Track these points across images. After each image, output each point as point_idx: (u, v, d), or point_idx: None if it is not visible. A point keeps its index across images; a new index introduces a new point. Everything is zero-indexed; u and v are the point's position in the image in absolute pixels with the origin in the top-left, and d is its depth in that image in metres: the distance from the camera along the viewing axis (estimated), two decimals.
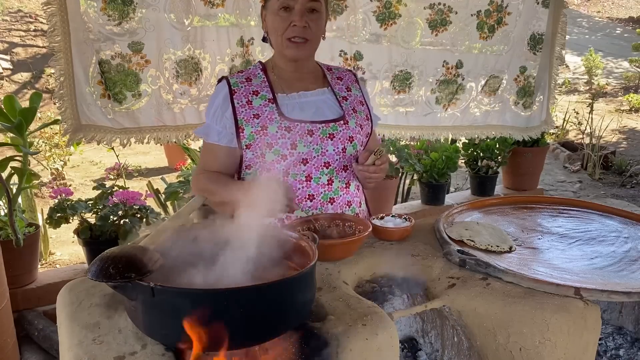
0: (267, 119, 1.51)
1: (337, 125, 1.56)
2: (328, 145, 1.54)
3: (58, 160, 5.07)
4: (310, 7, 1.49)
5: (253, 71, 1.61)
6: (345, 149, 1.56)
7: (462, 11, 2.89)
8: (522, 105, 3.30)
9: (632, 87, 9.13)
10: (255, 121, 1.51)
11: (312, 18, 1.50)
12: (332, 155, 1.54)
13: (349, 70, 1.75)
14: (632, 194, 5.31)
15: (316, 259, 0.98)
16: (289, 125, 1.50)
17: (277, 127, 1.50)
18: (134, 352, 0.91)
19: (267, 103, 1.53)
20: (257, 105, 1.53)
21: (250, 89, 1.55)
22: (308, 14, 1.49)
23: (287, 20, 1.49)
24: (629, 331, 1.53)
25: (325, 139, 1.53)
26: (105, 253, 0.89)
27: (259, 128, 1.50)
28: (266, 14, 1.56)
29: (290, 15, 1.48)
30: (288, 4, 1.48)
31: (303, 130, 1.51)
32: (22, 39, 7.77)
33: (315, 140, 1.52)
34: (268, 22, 1.55)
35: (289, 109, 1.55)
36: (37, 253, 2.53)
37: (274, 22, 1.51)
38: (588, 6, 14.97)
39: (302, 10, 1.48)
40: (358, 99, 1.66)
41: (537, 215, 1.73)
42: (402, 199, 3.87)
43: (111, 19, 2.11)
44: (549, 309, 1.10)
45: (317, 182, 1.54)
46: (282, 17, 1.49)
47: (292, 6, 1.48)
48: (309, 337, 0.96)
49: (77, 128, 2.15)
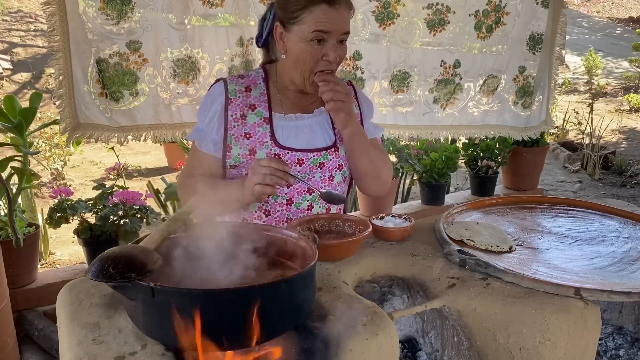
0: (257, 142, 1.44)
1: (328, 153, 1.50)
2: (316, 173, 1.49)
3: (58, 160, 5.07)
4: (343, 38, 1.40)
5: (254, 79, 1.53)
6: (332, 177, 1.52)
7: (460, 11, 2.89)
8: (521, 105, 3.31)
9: (632, 87, 9.13)
10: (245, 142, 1.44)
11: (342, 48, 1.42)
12: (317, 183, 1.50)
13: (349, 83, 1.65)
14: (632, 194, 5.31)
15: (316, 259, 0.98)
16: (278, 153, 1.45)
17: (267, 153, 1.44)
18: (134, 352, 0.91)
19: (261, 122, 1.46)
20: (250, 122, 1.46)
21: (248, 101, 1.47)
22: (338, 45, 1.40)
23: (319, 53, 1.38)
24: (629, 331, 1.53)
25: (314, 168, 1.49)
26: (105, 253, 0.89)
27: (247, 151, 1.44)
28: (286, 35, 1.41)
29: (323, 48, 1.38)
30: (322, 37, 1.36)
31: (293, 159, 1.46)
32: (22, 39, 7.78)
33: (304, 170, 1.48)
34: (290, 46, 1.41)
35: (283, 134, 1.48)
36: (37, 253, 2.53)
37: (302, 52, 1.39)
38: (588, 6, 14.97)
39: (336, 44, 1.38)
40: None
41: (537, 215, 1.73)
42: (402, 199, 3.87)
43: (109, 19, 2.12)
44: (549, 309, 1.10)
45: (297, 207, 1.50)
46: (314, 49, 1.37)
47: (327, 39, 1.37)
48: (309, 337, 0.96)
49: (75, 126, 2.16)
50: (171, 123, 2.39)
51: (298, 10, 1.36)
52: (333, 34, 1.37)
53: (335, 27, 1.36)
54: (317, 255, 1.00)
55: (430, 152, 3.50)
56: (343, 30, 1.39)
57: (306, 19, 1.35)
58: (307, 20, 1.35)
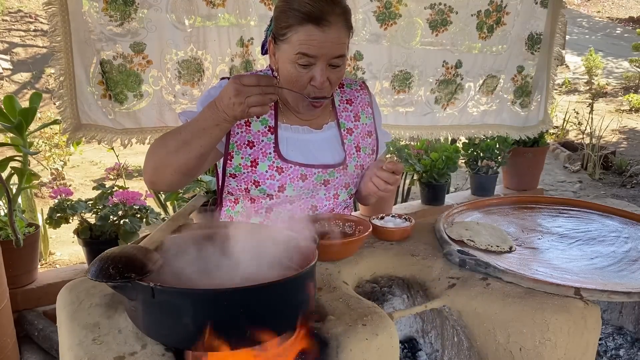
0: (260, 152, 1.36)
1: (335, 171, 1.43)
2: (320, 191, 1.44)
3: (58, 160, 5.07)
4: (334, 63, 1.27)
5: None
6: (338, 195, 1.47)
7: (462, 11, 2.89)
8: (519, 105, 3.31)
9: (632, 87, 9.13)
10: (248, 151, 1.37)
11: (335, 71, 1.29)
12: (321, 200, 1.45)
13: (363, 86, 1.55)
14: (632, 194, 5.31)
15: (316, 259, 0.98)
16: (281, 166, 1.37)
17: (269, 166, 1.36)
18: (134, 352, 0.91)
19: (265, 132, 1.38)
20: (254, 130, 1.38)
21: None
22: (330, 69, 1.27)
23: (305, 77, 1.27)
24: (629, 331, 1.53)
25: (318, 185, 1.42)
26: (105, 253, 0.89)
27: (249, 162, 1.37)
28: (276, 51, 1.32)
29: (309, 71, 1.26)
30: (308, 60, 1.24)
31: (296, 173, 1.38)
32: (22, 39, 7.77)
33: (307, 186, 1.41)
34: (280, 65, 1.31)
35: (287, 146, 1.39)
36: (37, 253, 2.53)
37: (288, 73, 1.28)
38: (588, 6, 14.96)
39: (324, 68, 1.25)
40: (366, 130, 1.51)
41: (537, 215, 1.73)
42: (402, 199, 3.87)
43: (113, 20, 2.12)
44: (549, 309, 1.10)
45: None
46: (299, 72, 1.26)
47: (313, 62, 1.25)
48: (309, 337, 0.96)
49: (76, 127, 2.16)
50: (176, 125, 2.37)
51: (285, 27, 1.25)
52: (320, 58, 1.24)
53: (323, 51, 1.23)
54: (317, 255, 1.00)
55: (430, 152, 3.50)
56: (332, 55, 1.25)
57: (292, 39, 1.24)
58: (292, 41, 1.24)
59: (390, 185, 1.33)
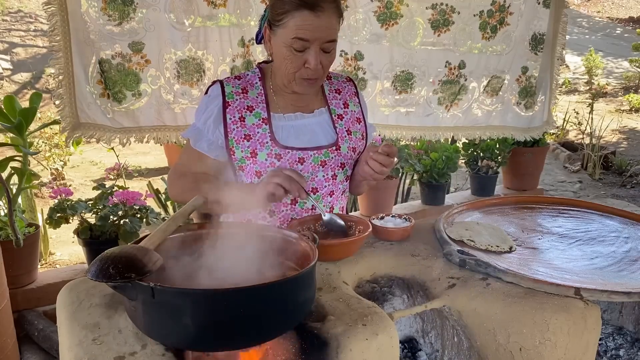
0: (257, 143, 1.44)
1: (329, 151, 1.50)
2: (318, 172, 1.49)
3: (58, 160, 5.07)
4: (326, 47, 1.36)
5: (251, 79, 1.51)
6: (335, 175, 1.53)
7: (464, 11, 2.89)
8: (523, 106, 3.30)
9: (632, 87, 9.13)
10: (246, 143, 1.44)
11: (327, 56, 1.38)
12: (321, 182, 1.50)
13: (349, 79, 1.65)
14: (632, 194, 5.31)
15: (316, 259, 0.98)
16: (279, 153, 1.44)
17: (267, 154, 1.43)
18: (134, 352, 0.91)
19: (260, 123, 1.45)
20: (249, 124, 1.45)
21: (245, 103, 1.46)
22: (322, 53, 1.36)
23: (300, 60, 1.35)
24: (629, 331, 1.53)
25: (316, 167, 1.48)
26: (105, 253, 0.89)
27: (249, 154, 1.44)
28: (272, 37, 1.39)
29: (304, 54, 1.34)
30: (303, 44, 1.33)
31: (294, 158, 1.45)
32: (22, 39, 7.78)
33: (306, 168, 1.47)
34: (275, 50, 1.40)
35: (282, 133, 1.47)
36: (37, 253, 2.53)
37: (283, 57, 1.36)
38: (588, 6, 14.96)
39: (317, 51, 1.34)
40: (355, 116, 1.58)
41: (537, 215, 1.73)
42: (402, 199, 3.87)
43: (111, 19, 2.12)
44: (549, 309, 1.10)
45: (301, 207, 1.51)
46: (294, 55, 1.34)
47: (308, 46, 1.33)
48: (309, 337, 0.96)
49: (75, 126, 2.16)
50: (174, 125, 2.38)
51: (282, 13, 1.33)
52: (314, 42, 1.33)
53: (317, 35, 1.32)
54: (317, 255, 1.00)
55: (430, 152, 3.50)
56: (326, 39, 1.34)
57: (288, 24, 1.32)
58: (289, 25, 1.32)
59: (385, 168, 1.39)
